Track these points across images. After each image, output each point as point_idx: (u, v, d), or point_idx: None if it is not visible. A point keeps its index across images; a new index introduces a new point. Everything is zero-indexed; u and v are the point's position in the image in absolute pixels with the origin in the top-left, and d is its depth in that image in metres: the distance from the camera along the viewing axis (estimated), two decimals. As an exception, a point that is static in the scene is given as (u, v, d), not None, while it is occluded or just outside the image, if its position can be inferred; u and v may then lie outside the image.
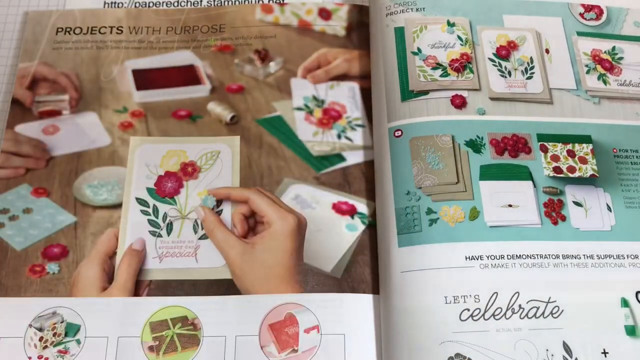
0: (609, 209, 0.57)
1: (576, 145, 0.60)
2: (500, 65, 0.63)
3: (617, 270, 0.54)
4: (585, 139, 0.60)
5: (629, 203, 0.57)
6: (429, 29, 0.65)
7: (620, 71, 0.64)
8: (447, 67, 0.63)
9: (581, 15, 0.67)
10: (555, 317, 0.52)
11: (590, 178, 0.58)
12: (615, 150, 0.60)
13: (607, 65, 0.64)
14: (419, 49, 0.64)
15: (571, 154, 0.59)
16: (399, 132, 0.60)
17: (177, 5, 0.74)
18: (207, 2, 0.74)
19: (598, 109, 0.62)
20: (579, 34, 0.66)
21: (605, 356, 0.51)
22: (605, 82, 0.63)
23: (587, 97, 0.63)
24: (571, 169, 0.58)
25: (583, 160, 0.59)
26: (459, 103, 0.61)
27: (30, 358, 0.53)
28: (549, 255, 0.54)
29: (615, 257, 0.55)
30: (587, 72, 0.64)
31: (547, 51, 0.65)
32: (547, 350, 0.51)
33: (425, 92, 0.61)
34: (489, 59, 0.64)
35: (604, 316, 0.52)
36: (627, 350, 0.51)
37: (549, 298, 0.53)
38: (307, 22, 0.73)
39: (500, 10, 0.67)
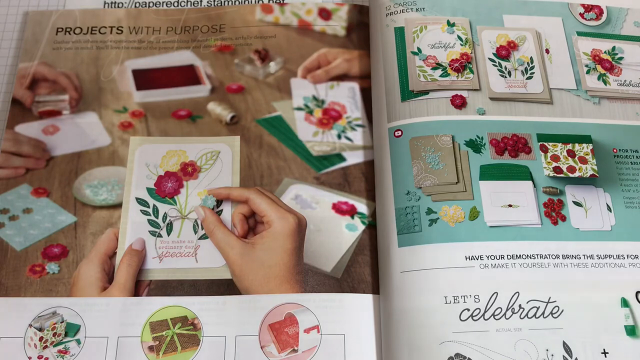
0: (609, 209, 0.57)
1: (576, 145, 0.60)
2: (500, 65, 0.63)
3: (617, 270, 0.54)
4: (585, 139, 0.60)
5: (629, 203, 0.57)
6: (429, 29, 0.65)
7: (620, 71, 0.64)
8: (447, 67, 0.63)
9: (581, 15, 0.67)
10: (555, 317, 0.52)
11: (590, 178, 0.58)
12: (615, 150, 0.60)
13: (607, 65, 0.64)
14: (419, 49, 0.64)
15: (571, 154, 0.59)
16: (399, 132, 0.60)
17: (177, 5, 0.74)
18: (207, 2, 0.74)
19: (598, 109, 0.62)
20: (579, 34, 0.66)
21: (605, 356, 0.51)
22: (605, 82, 0.63)
23: (587, 97, 0.63)
24: (571, 169, 0.58)
25: (583, 160, 0.59)
26: (459, 103, 0.61)
27: (30, 358, 0.53)
28: (549, 255, 0.54)
29: (615, 257, 0.55)
30: (587, 72, 0.64)
31: (547, 51, 0.65)
32: (547, 350, 0.51)
33: (425, 92, 0.61)
34: (489, 59, 0.64)
35: (604, 316, 0.52)
36: (627, 350, 0.51)
37: (549, 298, 0.53)
38: (307, 22, 0.73)
39: (500, 10, 0.67)
